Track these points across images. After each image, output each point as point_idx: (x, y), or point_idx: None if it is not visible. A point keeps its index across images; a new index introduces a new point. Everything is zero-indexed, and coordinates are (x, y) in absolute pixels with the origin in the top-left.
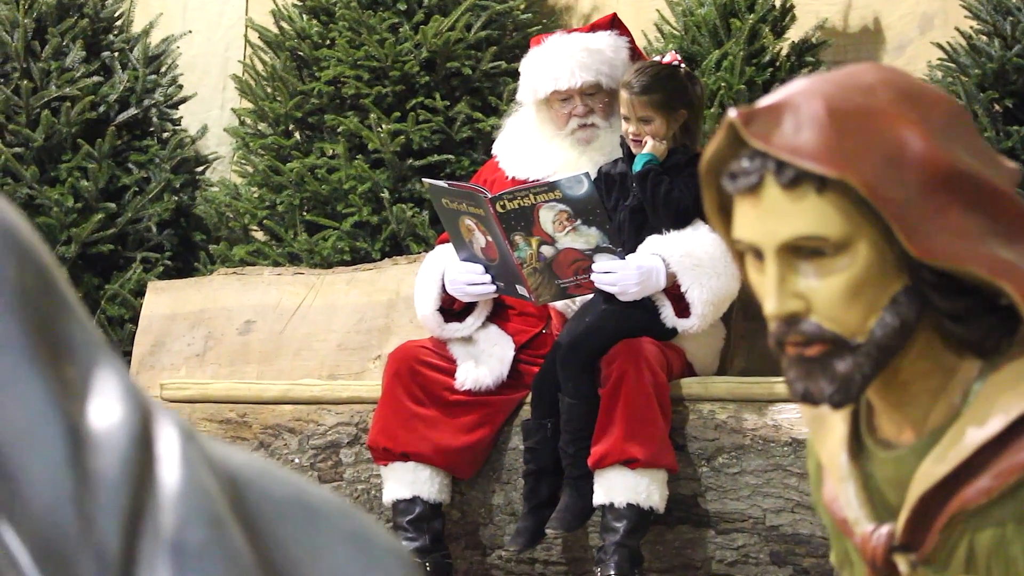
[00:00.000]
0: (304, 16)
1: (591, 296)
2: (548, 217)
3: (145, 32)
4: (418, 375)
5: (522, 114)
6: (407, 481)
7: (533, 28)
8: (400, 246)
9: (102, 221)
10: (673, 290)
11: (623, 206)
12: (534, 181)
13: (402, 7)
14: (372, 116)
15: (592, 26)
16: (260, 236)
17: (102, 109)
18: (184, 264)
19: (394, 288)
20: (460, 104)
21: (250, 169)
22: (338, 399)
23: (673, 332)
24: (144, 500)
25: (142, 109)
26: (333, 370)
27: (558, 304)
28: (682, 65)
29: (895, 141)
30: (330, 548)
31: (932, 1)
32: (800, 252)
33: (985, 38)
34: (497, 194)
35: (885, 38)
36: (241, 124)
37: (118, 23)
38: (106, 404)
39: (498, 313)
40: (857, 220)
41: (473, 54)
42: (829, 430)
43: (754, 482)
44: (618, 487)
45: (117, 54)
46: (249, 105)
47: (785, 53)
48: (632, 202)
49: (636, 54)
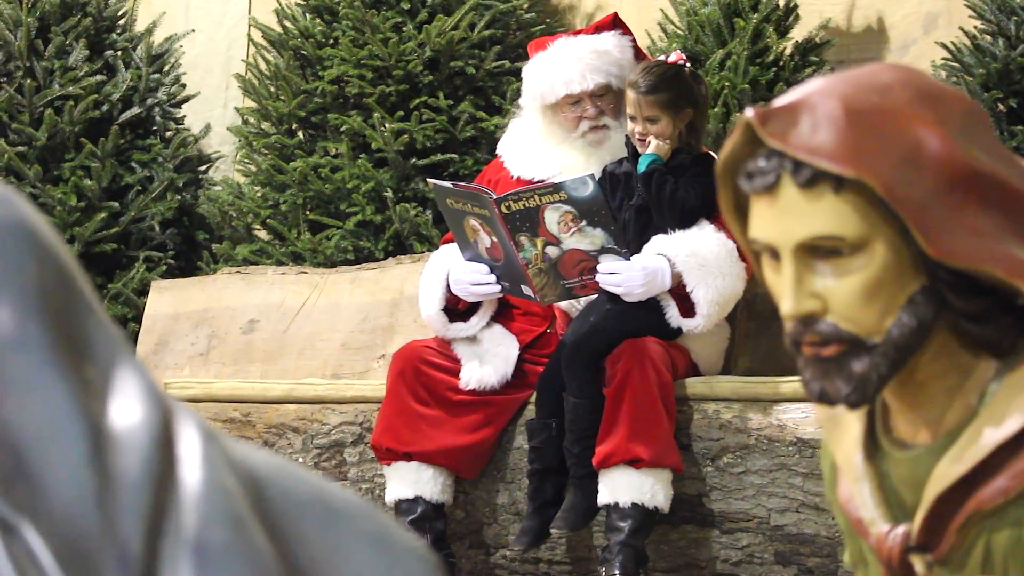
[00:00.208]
0: (307, 15)
1: (596, 296)
2: (553, 218)
3: (148, 31)
4: (422, 375)
5: (526, 117)
6: (410, 481)
7: (536, 27)
8: (403, 245)
9: (105, 220)
10: (678, 290)
11: (628, 206)
12: (539, 182)
13: (405, 6)
14: (375, 115)
15: (595, 27)
16: (263, 235)
17: (105, 108)
18: (187, 263)
19: (398, 287)
20: (463, 103)
21: (253, 168)
22: (342, 398)
23: (678, 332)
24: (166, 500)
25: (145, 108)
26: (337, 369)
27: (563, 304)
28: (687, 64)
29: (912, 141)
30: (351, 548)
31: (936, 0)
32: (817, 252)
33: (989, 38)
34: (502, 195)
35: (889, 38)
36: (244, 123)
37: (121, 22)
38: (127, 404)
39: (502, 313)
40: (874, 220)
41: (477, 53)
42: (844, 430)
43: (759, 482)
44: (623, 487)
45: (120, 53)
46: (252, 104)
47: (789, 53)
48: (637, 202)
49: (639, 53)
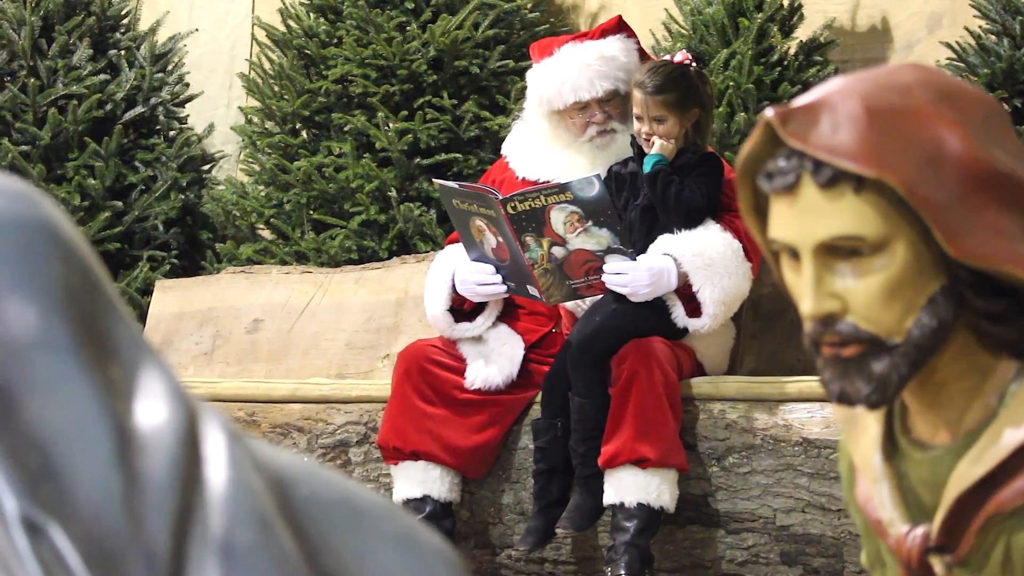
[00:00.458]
0: (311, 14)
1: (601, 296)
2: (559, 218)
3: (152, 30)
4: (428, 374)
5: (531, 120)
6: (417, 480)
7: (540, 27)
8: (407, 245)
9: (109, 219)
10: (684, 290)
11: (634, 206)
12: (545, 182)
13: (410, 6)
14: (379, 115)
15: (600, 31)
16: (267, 235)
17: (109, 107)
18: (190, 263)
19: (403, 287)
20: (468, 103)
21: (257, 168)
22: (347, 398)
23: (683, 331)
24: (192, 501)
25: (149, 107)
26: (341, 369)
27: (568, 304)
28: (693, 64)
29: (933, 141)
30: (377, 549)
31: (940, 0)
32: (837, 252)
33: (994, 37)
34: (508, 195)
35: (893, 37)
36: (248, 123)
37: (125, 21)
38: (152, 404)
39: (508, 312)
40: (895, 220)
41: (481, 53)
42: (862, 431)
43: (764, 482)
44: (628, 487)
45: (124, 52)
46: (256, 103)
47: (793, 52)
48: (642, 201)
49: (643, 55)
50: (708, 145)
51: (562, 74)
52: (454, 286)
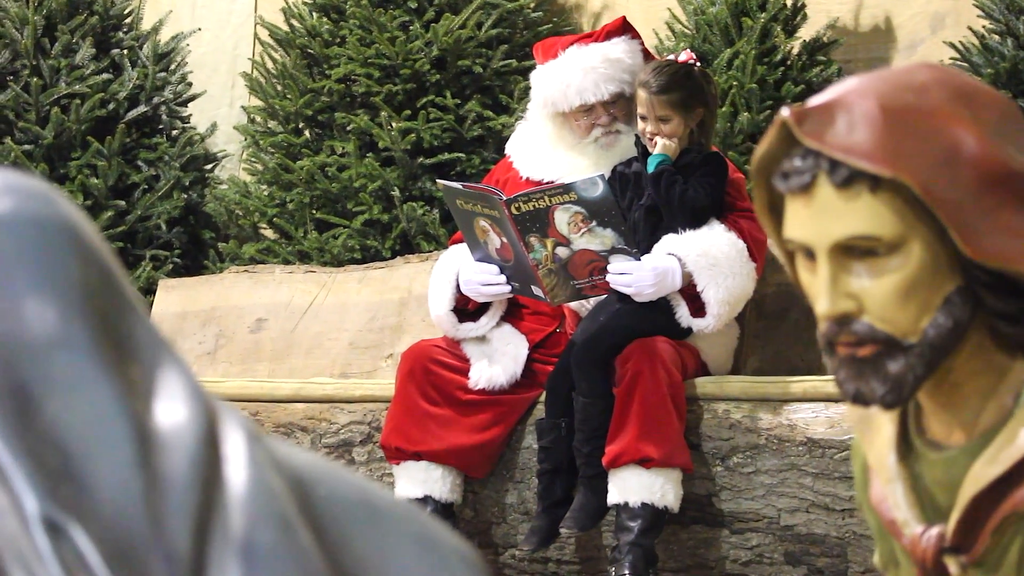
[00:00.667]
0: (314, 14)
1: (605, 295)
2: (563, 219)
3: (154, 29)
4: (431, 374)
5: (535, 121)
6: (419, 480)
7: (543, 27)
8: (410, 244)
9: (111, 219)
10: (689, 290)
11: (638, 205)
12: (549, 183)
13: (413, 5)
14: (382, 114)
15: (605, 32)
16: (270, 234)
17: (111, 107)
18: (193, 262)
19: (406, 286)
20: (471, 102)
21: (260, 167)
22: (351, 397)
23: (688, 331)
24: (213, 501)
25: (151, 107)
26: (345, 368)
27: (572, 303)
28: (697, 64)
29: (949, 140)
30: (397, 549)
31: (944, 0)
32: (852, 252)
33: (998, 37)
34: (512, 196)
35: (896, 37)
36: (251, 122)
37: (127, 20)
38: (172, 404)
39: (512, 312)
40: (910, 220)
41: (484, 52)
42: (876, 431)
43: (769, 482)
44: (633, 486)
45: (126, 51)
46: (259, 103)
47: (796, 52)
48: (647, 201)
49: (647, 55)
50: (712, 145)
51: (567, 77)
52: (458, 286)
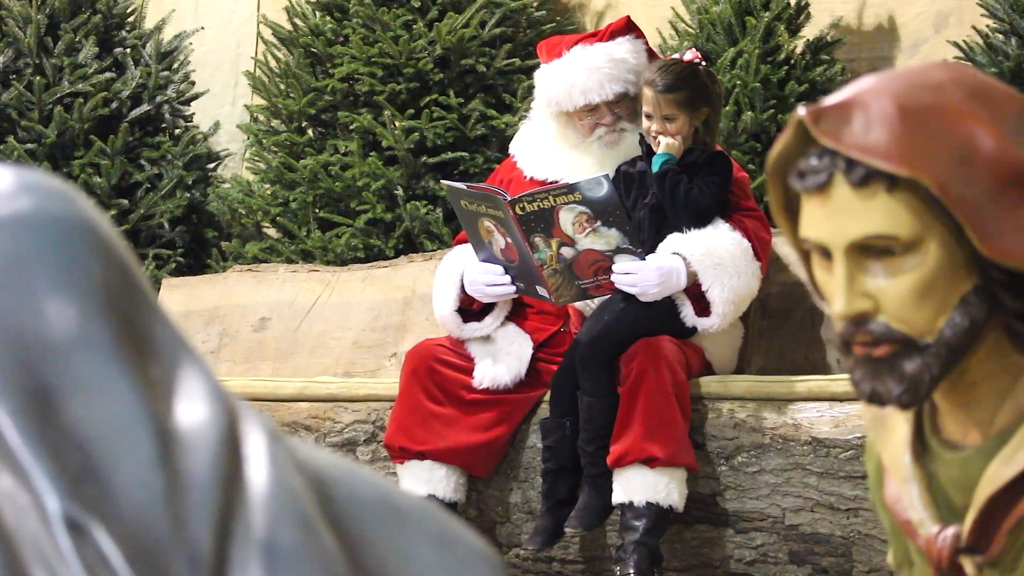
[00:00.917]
0: (317, 13)
1: (610, 295)
2: (568, 219)
3: (157, 28)
4: (436, 373)
5: (539, 120)
6: (422, 480)
7: (547, 26)
8: (414, 243)
9: (114, 218)
10: (693, 289)
11: (642, 204)
12: (553, 182)
13: (416, 4)
14: (386, 113)
15: (609, 32)
16: (273, 233)
17: (114, 105)
18: (196, 261)
19: (410, 285)
20: (474, 101)
21: (263, 166)
22: (355, 396)
23: (692, 330)
24: (234, 500)
25: (154, 105)
26: (348, 367)
27: (577, 303)
28: (702, 62)
29: (966, 139)
30: (417, 549)
31: None
32: (869, 251)
33: (1002, 36)
34: (516, 196)
35: (900, 36)
36: (254, 121)
37: (130, 19)
38: (192, 403)
39: (516, 311)
40: (927, 219)
41: (487, 51)
42: (891, 431)
43: (773, 481)
44: (637, 486)
45: (129, 50)
46: (262, 102)
47: (800, 51)
48: (651, 201)
49: (651, 55)
50: (716, 144)
51: (571, 76)
52: (462, 286)
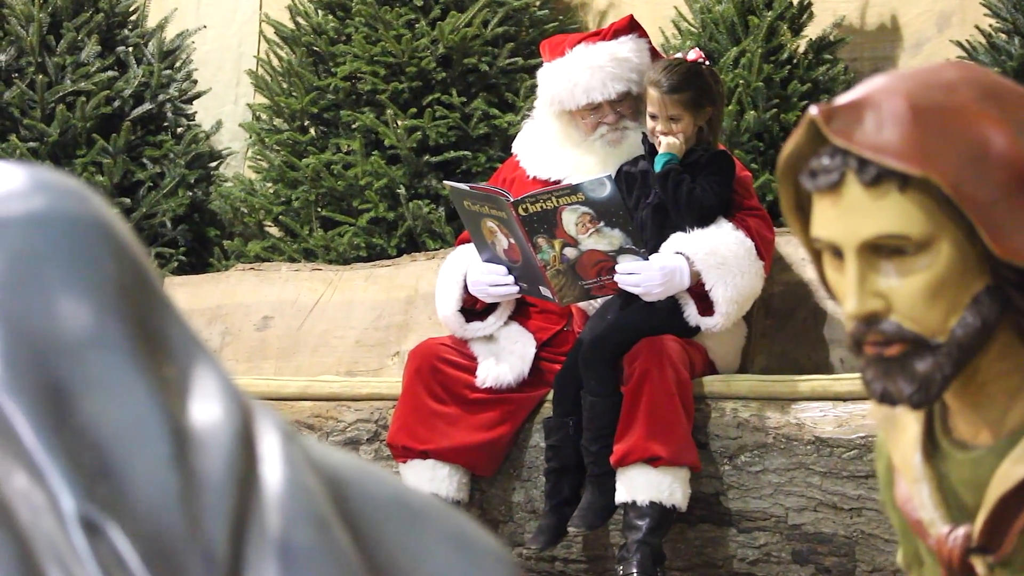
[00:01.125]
0: (320, 11)
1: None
2: (571, 219)
3: (160, 27)
4: (439, 373)
5: (541, 119)
6: (425, 479)
7: (549, 25)
8: (416, 242)
9: None
10: (697, 288)
11: (645, 204)
12: (556, 181)
13: (418, 3)
14: (388, 112)
15: (612, 31)
16: (275, 232)
17: (117, 104)
18: (198, 260)
19: (412, 284)
20: (477, 100)
21: (265, 165)
22: (358, 396)
23: (696, 330)
24: (249, 500)
25: (156, 104)
26: (351, 366)
27: (580, 302)
28: (706, 62)
29: (978, 139)
30: (432, 549)
31: None
32: (881, 251)
33: (1004, 36)
34: (519, 197)
35: (902, 36)
36: (256, 120)
37: (133, 18)
38: (207, 402)
39: (519, 311)
40: (939, 219)
41: (490, 50)
42: (901, 431)
43: (776, 480)
44: (641, 485)
45: (132, 49)
46: (264, 100)
47: (802, 50)
48: (654, 200)
49: (654, 54)
50: (719, 143)
51: (574, 75)
52: (466, 287)
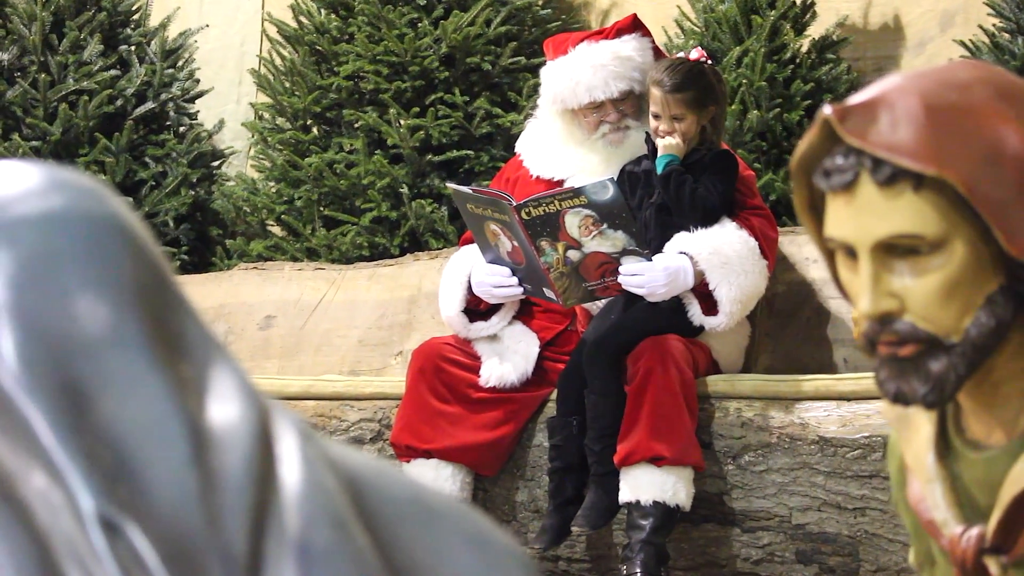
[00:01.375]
0: (323, 10)
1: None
2: (574, 222)
3: (162, 26)
4: (442, 372)
5: (544, 117)
6: (428, 478)
7: (552, 24)
8: (419, 242)
9: None
10: (701, 288)
11: (648, 204)
12: (559, 181)
13: (421, 2)
14: (391, 111)
15: (616, 30)
16: (277, 231)
17: (119, 103)
18: (200, 259)
19: (416, 284)
20: (479, 100)
21: (268, 164)
22: (361, 395)
23: (699, 329)
24: (268, 500)
25: (159, 103)
26: (354, 366)
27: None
28: (709, 61)
29: (993, 139)
30: (450, 550)
31: None
32: (894, 251)
33: (1008, 35)
34: (522, 201)
35: (906, 35)
36: (259, 119)
37: (135, 17)
38: (224, 402)
39: (523, 310)
40: (953, 219)
41: (492, 50)
42: (914, 431)
43: (780, 480)
44: (644, 485)
45: (134, 48)
46: (267, 100)
47: (806, 50)
48: (657, 200)
49: (658, 53)
50: (722, 142)
51: (576, 74)
52: (470, 287)
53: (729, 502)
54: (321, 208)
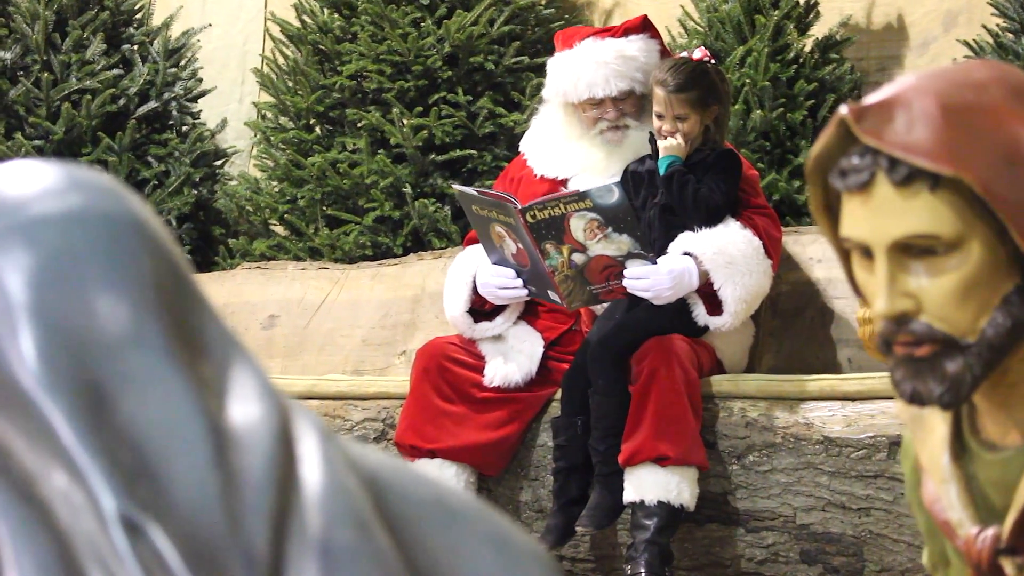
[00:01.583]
0: (326, 10)
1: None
2: (579, 225)
3: (165, 25)
4: (446, 372)
5: (547, 112)
6: None
7: (556, 23)
8: (422, 241)
9: None
10: (705, 288)
11: (652, 204)
12: (563, 180)
13: (424, 2)
14: (394, 111)
15: (624, 29)
16: (280, 231)
17: (122, 102)
18: (203, 258)
19: (419, 283)
20: (482, 99)
21: (270, 163)
22: (364, 394)
23: (704, 329)
24: (289, 500)
25: (162, 102)
26: (358, 365)
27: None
28: (712, 61)
29: (1010, 139)
30: (471, 550)
31: None
32: (911, 251)
33: (1012, 35)
34: (527, 204)
35: (909, 35)
36: (262, 118)
37: (138, 16)
38: (245, 402)
39: (527, 310)
40: (970, 219)
41: (496, 49)
42: (929, 431)
43: (785, 480)
44: (648, 484)
45: (137, 47)
46: (270, 99)
47: (809, 50)
48: (661, 199)
49: (664, 54)
50: (725, 141)
51: (578, 68)
52: (474, 288)
53: (733, 502)
54: (324, 208)
